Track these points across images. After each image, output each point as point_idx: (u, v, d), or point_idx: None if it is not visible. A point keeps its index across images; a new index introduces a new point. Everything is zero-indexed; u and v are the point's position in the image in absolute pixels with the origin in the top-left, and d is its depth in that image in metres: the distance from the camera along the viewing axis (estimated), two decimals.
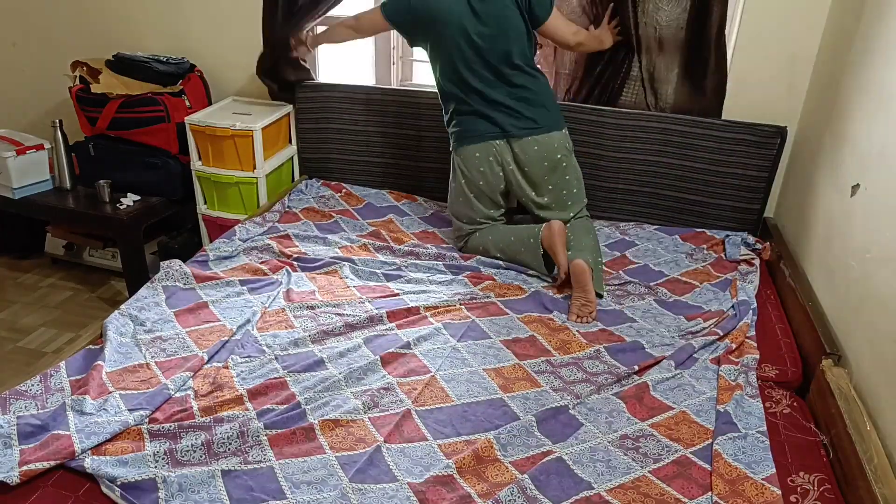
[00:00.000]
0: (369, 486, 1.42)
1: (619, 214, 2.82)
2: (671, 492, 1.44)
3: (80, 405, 1.57)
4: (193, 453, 1.47)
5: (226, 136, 2.75)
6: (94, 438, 1.47)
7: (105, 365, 1.72)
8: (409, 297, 2.15)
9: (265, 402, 1.64)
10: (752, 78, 2.60)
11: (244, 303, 2.08)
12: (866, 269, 1.81)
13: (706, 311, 2.16)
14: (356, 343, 1.90)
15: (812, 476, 1.50)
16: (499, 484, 1.44)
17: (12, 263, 3.28)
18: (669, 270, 2.42)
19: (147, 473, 1.40)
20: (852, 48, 2.16)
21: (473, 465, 1.48)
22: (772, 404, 1.74)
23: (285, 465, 1.46)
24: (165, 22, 3.13)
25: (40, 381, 1.67)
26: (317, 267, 2.32)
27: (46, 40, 3.34)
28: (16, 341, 2.70)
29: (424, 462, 1.50)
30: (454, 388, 1.74)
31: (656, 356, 1.89)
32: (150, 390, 1.66)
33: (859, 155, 2.00)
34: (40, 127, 3.21)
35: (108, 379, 1.69)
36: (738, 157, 2.63)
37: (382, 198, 2.95)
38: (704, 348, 1.93)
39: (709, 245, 2.58)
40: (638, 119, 2.70)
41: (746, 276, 2.32)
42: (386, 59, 3.05)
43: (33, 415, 1.56)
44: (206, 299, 2.08)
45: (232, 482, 1.41)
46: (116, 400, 1.62)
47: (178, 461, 1.45)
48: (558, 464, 1.49)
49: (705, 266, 2.45)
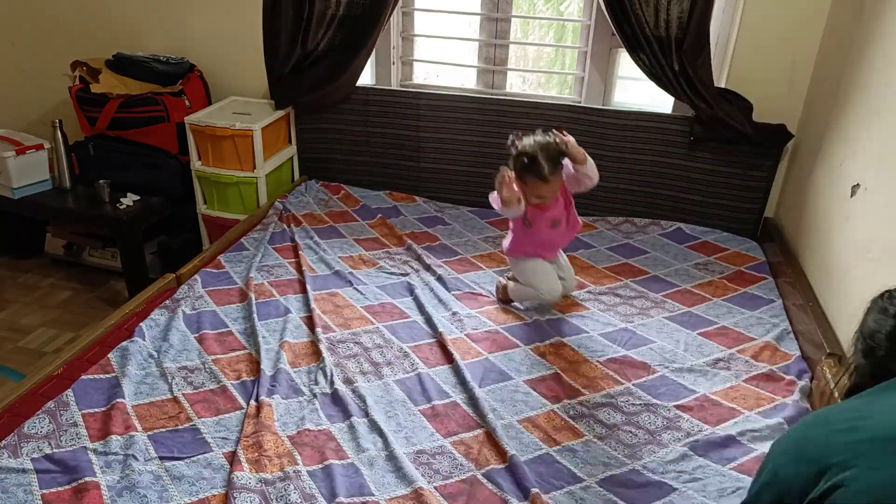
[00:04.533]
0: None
1: (619, 214, 2.82)
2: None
3: (106, 447, 1.52)
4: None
5: (225, 135, 2.75)
6: (126, 498, 1.41)
7: (127, 400, 1.67)
8: (418, 318, 2.12)
9: (319, 459, 1.54)
10: (752, 78, 2.60)
11: (265, 328, 2.02)
12: (866, 269, 1.81)
13: (719, 325, 2.14)
14: (388, 384, 1.82)
15: None
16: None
17: (12, 263, 3.27)
18: (680, 281, 2.41)
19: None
20: (852, 48, 2.16)
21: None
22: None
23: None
24: (165, 22, 3.13)
25: (49, 421, 1.59)
26: (322, 287, 2.27)
27: (46, 40, 3.33)
28: (16, 341, 2.70)
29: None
30: (507, 444, 1.61)
31: (688, 387, 1.84)
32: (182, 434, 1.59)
33: (859, 155, 2.00)
34: (40, 127, 3.20)
35: (133, 413, 1.64)
36: (738, 156, 2.64)
37: (381, 199, 2.95)
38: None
39: (718, 256, 2.57)
40: (638, 119, 2.71)
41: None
42: (386, 59, 3.05)
43: (47, 455, 1.50)
44: (230, 325, 2.04)
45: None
46: (145, 443, 1.56)
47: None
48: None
49: (720, 279, 2.42)
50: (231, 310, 2.13)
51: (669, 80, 2.54)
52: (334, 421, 1.68)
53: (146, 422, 1.63)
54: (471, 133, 2.90)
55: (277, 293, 2.22)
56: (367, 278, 2.35)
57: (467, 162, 2.95)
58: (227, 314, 2.10)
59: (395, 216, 2.84)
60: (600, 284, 2.39)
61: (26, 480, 1.43)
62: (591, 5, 2.77)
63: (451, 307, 2.19)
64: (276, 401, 1.71)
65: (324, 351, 1.92)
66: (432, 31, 3.12)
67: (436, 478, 1.52)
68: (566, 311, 2.20)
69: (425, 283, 2.34)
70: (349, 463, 1.55)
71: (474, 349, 1.99)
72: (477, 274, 2.43)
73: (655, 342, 2.05)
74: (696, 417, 1.73)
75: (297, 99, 2.94)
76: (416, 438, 1.64)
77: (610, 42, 2.77)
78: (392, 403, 1.75)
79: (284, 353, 1.90)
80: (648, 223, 2.77)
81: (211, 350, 1.91)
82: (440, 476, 1.52)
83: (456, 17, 3.12)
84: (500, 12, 2.91)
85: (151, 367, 1.83)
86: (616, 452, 1.62)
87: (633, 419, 1.72)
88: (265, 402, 1.69)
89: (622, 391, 1.83)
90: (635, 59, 2.57)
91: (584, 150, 2.05)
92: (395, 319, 2.12)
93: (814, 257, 2.24)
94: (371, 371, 1.87)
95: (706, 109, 2.53)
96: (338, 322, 2.08)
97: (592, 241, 2.68)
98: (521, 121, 2.83)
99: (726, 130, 2.57)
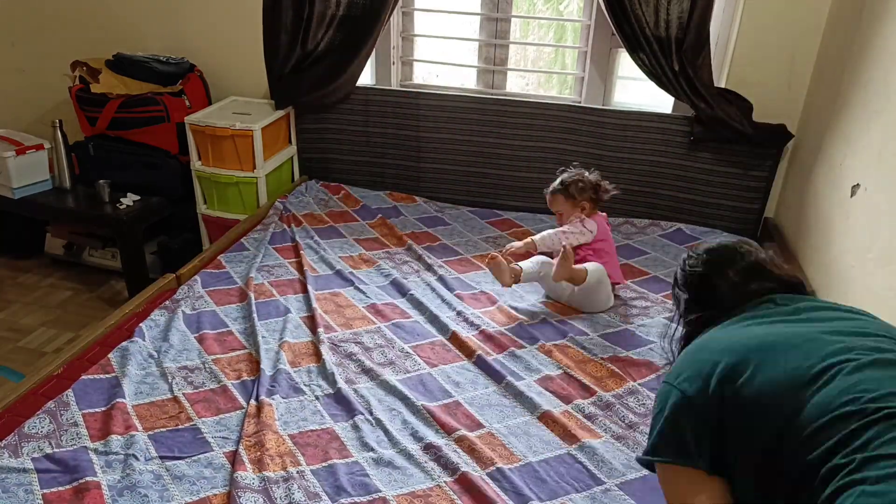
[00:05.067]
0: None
1: (619, 214, 2.82)
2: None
3: (106, 446, 1.53)
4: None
5: (225, 135, 2.75)
6: (127, 497, 1.41)
7: (127, 400, 1.67)
8: (420, 318, 2.12)
9: (322, 458, 1.54)
10: (752, 78, 2.60)
11: (264, 328, 2.02)
12: (866, 269, 1.81)
13: None
14: (391, 383, 1.80)
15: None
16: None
17: (12, 263, 3.27)
18: None
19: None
20: (852, 48, 2.16)
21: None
22: None
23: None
24: (165, 22, 3.13)
25: (49, 421, 1.59)
26: (323, 286, 2.27)
27: (46, 40, 3.33)
28: (16, 341, 2.70)
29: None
30: (514, 445, 1.62)
31: None
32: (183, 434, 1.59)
33: (859, 155, 2.00)
34: (40, 127, 3.20)
35: (133, 413, 1.64)
36: (738, 156, 2.64)
37: (381, 199, 2.96)
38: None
39: None
40: (638, 119, 2.71)
41: None
42: (386, 59, 3.05)
43: (47, 455, 1.50)
44: (230, 325, 2.04)
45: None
46: (146, 443, 1.56)
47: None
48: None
49: None
50: (231, 310, 2.13)
51: (669, 80, 2.54)
52: (337, 420, 1.67)
53: (146, 421, 1.63)
54: (471, 133, 2.90)
55: (277, 293, 2.22)
56: (368, 278, 2.36)
57: (467, 162, 2.95)
58: (227, 314, 2.10)
59: (395, 216, 2.84)
60: None
61: (27, 480, 1.43)
62: (591, 5, 2.77)
63: (456, 307, 2.20)
64: (277, 401, 1.71)
65: (325, 351, 1.91)
66: (432, 31, 3.12)
67: (444, 474, 1.51)
68: (566, 313, 2.20)
69: (427, 283, 2.34)
70: (353, 461, 1.54)
71: (482, 349, 1.99)
72: (477, 274, 2.43)
73: (656, 342, 2.05)
74: None
75: (297, 99, 2.94)
76: (422, 434, 1.63)
77: (610, 42, 2.77)
78: (396, 402, 1.75)
79: (284, 353, 1.89)
80: (648, 224, 2.77)
81: (211, 350, 1.91)
82: (448, 472, 1.52)
83: (456, 17, 3.12)
84: (500, 12, 2.91)
85: (151, 367, 1.82)
86: (636, 452, 1.60)
87: (645, 420, 1.70)
88: (265, 402, 1.68)
89: (630, 390, 1.83)
90: (635, 59, 2.57)
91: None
92: (397, 319, 2.12)
93: (814, 257, 2.24)
94: (373, 370, 1.86)
95: (706, 109, 2.54)
96: (339, 322, 2.08)
97: None
98: (521, 121, 2.83)
99: (726, 130, 2.57)
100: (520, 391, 1.80)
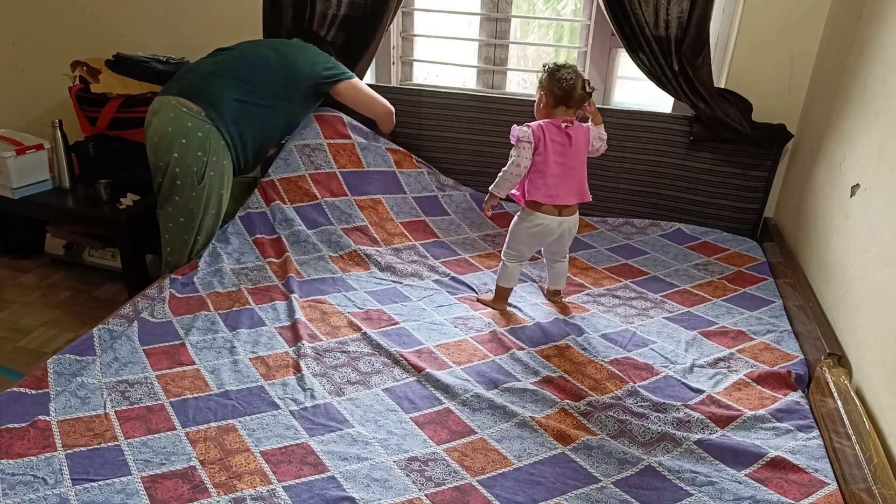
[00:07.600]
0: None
1: (619, 214, 2.82)
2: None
3: (14, 467, 1.36)
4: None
5: None
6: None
7: (51, 417, 1.51)
8: (409, 325, 2.06)
9: (293, 474, 1.45)
10: (751, 78, 2.60)
11: (224, 342, 1.88)
12: (866, 269, 1.81)
13: (719, 325, 2.14)
14: (377, 394, 1.74)
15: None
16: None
17: (12, 263, 3.27)
18: (680, 282, 2.41)
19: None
20: (852, 48, 2.16)
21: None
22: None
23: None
24: (165, 22, 3.13)
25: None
26: (307, 293, 2.18)
27: (46, 40, 3.34)
28: (16, 341, 2.70)
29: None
30: (508, 448, 1.60)
31: (692, 387, 1.83)
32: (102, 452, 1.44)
33: (859, 155, 2.00)
34: (40, 127, 3.20)
35: (57, 430, 1.48)
36: (738, 156, 2.64)
37: (380, 157, 2.77)
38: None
39: (718, 257, 2.57)
40: (638, 119, 2.71)
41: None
42: (386, 59, 3.05)
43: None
44: (183, 338, 1.89)
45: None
46: (61, 463, 1.40)
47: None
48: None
49: (720, 280, 2.42)
50: (188, 320, 1.98)
51: (669, 81, 2.54)
52: (313, 434, 1.59)
53: (68, 438, 1.48)
54: (471, 132, 2.90)
55: (253, 301, 2.11)
56: (356, 283, 2.28)
57: (468, 161, 2.95)
58: (184, 325, 1.96)
59: (392, 192, 2.71)
60: (600, 286, 2.39)
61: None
62: (590, 5, 2.77)
63: (453, 310, 2.18)
64: (245, 422, 1.61)
65: (307, 361, 1.84)
66: (432, 31, 3.12)
67: (427, 485, 1.46)
68: (566, 313, 2.20)
69: (423, 285, 2.32)
70: (329, 476, 1.46)
71: (480, 351, 1.97)
72: (476, 275, 2.43)
73: (656, 343, 2.05)
74: (704, 416, 1.70)
75: None
76: (408, 446, 1.58)
77: (609, 42, 2.77)
78: (381, 413, 1.68)
79: (255, 367, 1.80)
80: (648, 224, 2.77)
81: (158, 365, 1.77)
82: (432, 483, 1.47)
83: (456, 17, 3.12)
84: (499, 12, 2.91)
85: (89, 380, 1.67)
86: (632, 450, 1.59)
87: (643, 420, 1.69)
88: (230, 424, 1.59)
89: (629, 392, 1.81)
90: (635, 59, 2.58)
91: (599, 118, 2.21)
92: (384, 326, 2.04)
93: (814, 257, 2.24)
94: (359, 381, 1.79)
95: (706, 109, 2.54)
96: (324, 330, 1.99)
97: (592, 243, 2.68)
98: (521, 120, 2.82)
99: (726, 130, 2.57)
100: (515, 394, 1.78)
